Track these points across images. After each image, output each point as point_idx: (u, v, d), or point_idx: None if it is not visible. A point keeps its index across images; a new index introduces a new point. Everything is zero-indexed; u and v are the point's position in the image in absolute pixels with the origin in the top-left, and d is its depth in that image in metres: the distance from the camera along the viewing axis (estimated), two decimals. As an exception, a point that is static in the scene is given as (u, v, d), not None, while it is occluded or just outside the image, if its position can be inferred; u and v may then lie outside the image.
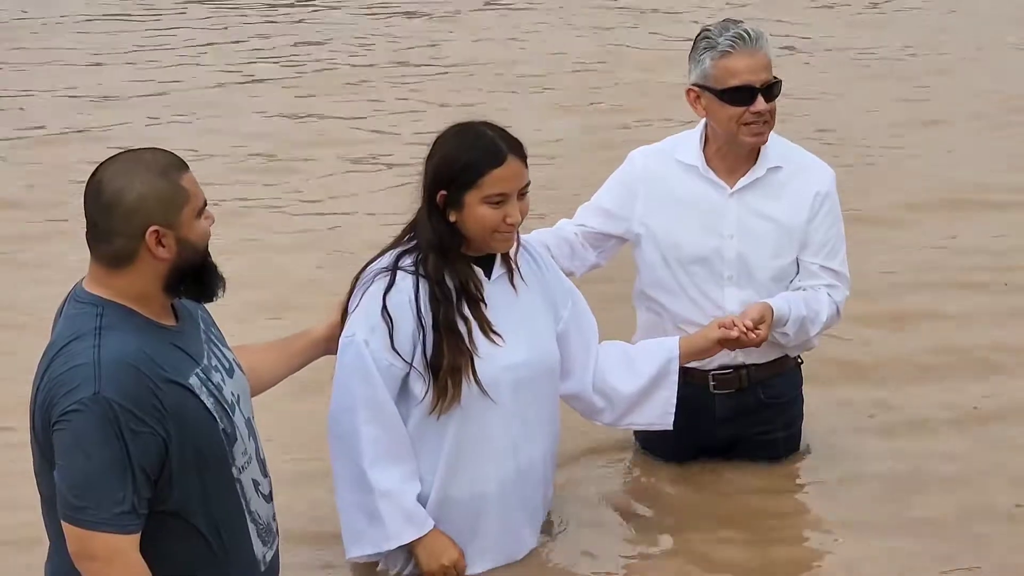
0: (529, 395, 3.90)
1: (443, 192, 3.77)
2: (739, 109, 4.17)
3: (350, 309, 3.85)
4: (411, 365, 3.78)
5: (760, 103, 4.16)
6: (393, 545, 3.86)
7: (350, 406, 3.79)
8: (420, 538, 3.87)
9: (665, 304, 4.37)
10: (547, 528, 4.19)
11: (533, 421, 3.94)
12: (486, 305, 3.83)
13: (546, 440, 4.01)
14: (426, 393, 3.80)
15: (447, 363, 3.76)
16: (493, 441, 3.87)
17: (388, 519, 3.82)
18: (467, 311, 3.80)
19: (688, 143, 4.32)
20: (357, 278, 3.89)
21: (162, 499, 3.19)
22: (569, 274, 4.37)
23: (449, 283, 3.79)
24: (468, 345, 3.78)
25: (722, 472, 4.57)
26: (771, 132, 4.28)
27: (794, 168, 4.33)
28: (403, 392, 3.83)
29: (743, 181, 4.31)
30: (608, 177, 4.49)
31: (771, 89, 4.17)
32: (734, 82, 4.15)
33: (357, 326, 3.79)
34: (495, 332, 3.81)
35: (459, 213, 3.77)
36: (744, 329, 4.06)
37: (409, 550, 3.91)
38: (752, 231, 4.30)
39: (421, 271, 3.80)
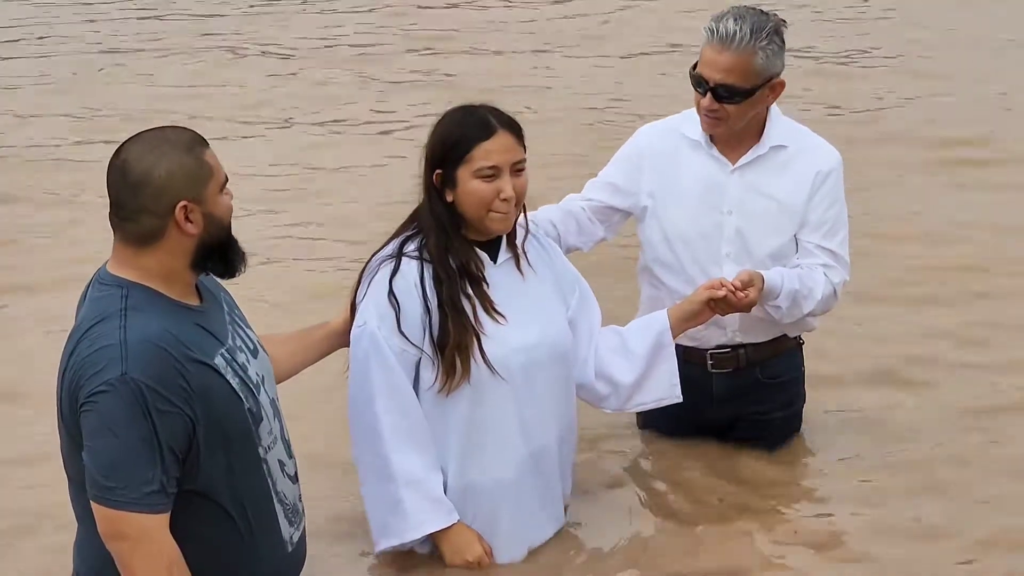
0: (541, 378, 3.89)
1: (438, 171, 3.78)
2: (696, 94, 4.21)
3: (358, 299, 3.85)
4: (421, 349, 3.79)
5: (705, 99, 4.17)
6: (417, 535, 3.84)
7: (369, 395, 3.79)
8: (444, 531, 3.86)
9: (664, 280, 4.38)
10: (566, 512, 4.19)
11: (546, 405, 3.92)
12: (488, 285, 3.83)
13: (560, 424, 3.99)
14: (435, 377, 3.80)
15: (453, 340, 3.75)
16: (505, 424, 3.86)
17: (411, 508, 3.81)
18: (470, 290, 3.80)
19: (695, 118, 4.32)
20: (363, 269, 3.90)
21: (189, 478, 3.20)
22: (576, 251, 4.40)
23: (452, 263, 3.80)
24: (474, 323, 3.78)
25: (732, 449, 4.60)
26: (775, 112, 4.30)
27: (799, 148, 4.33)
28: (415, 379, 3.83)
29: (745, 158, 4.31)
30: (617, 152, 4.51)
31: (718, 90, 4.14)
32: (698, 68, 4.18)
33: (367, 315, 3.80)
34: (497, 311, 3.81)
35: (454, 192, 3.77)
36: (732, 289, 4.05)
37: (433, 543, 3.91)
38: (752, 208, 4.30)
39: (425, 255, 3.81)
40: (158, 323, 3.16)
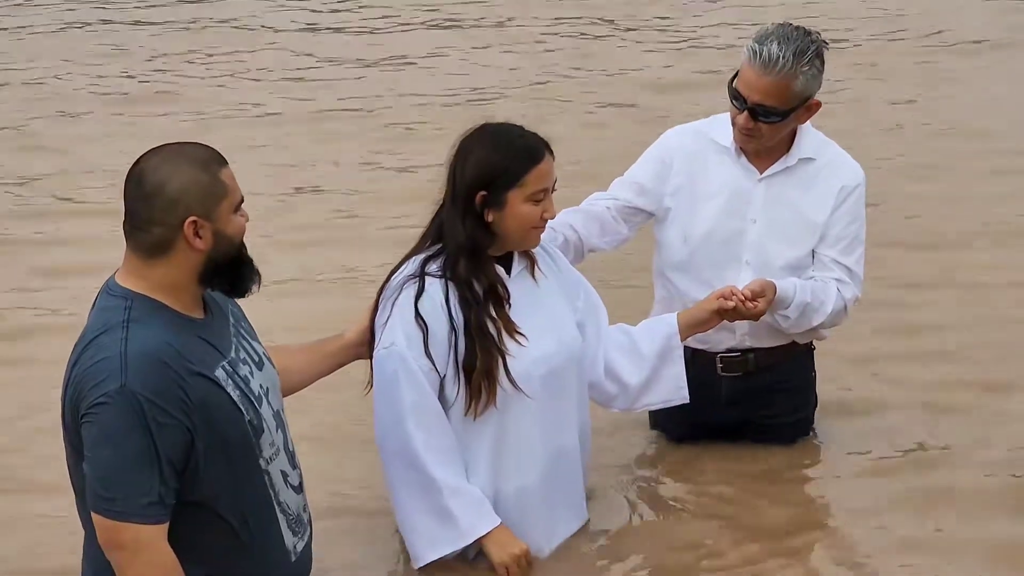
0: (558, 384, 3.95)
1: (483, 193, 3.80)
2: (733, 109, 4.21)
3: (379, 321, 3.88)
4: (447, 369, 3.83)
5: (741, 116, 4.18)
6: (469, 541, 3.89)
7: (399, 416, 3.83)
8: (489, 533, 3.91)
9: (677, 283, 4.40)
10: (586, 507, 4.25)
11: (564, 409, 3.99)
12: (510, 306, 3.88)
13: (578, 427, 4.06)
14: (457, 394, 3.84)
15: (480, 365, 3.81)
16: (529, 434, 3.92)
17: (460, 516, 3.86)
18: (494, 313, 3.85)
19: (725, 124, 4.32)
20: (381, 290, 3.93)
21: (189, 490, 3.23)
22: (599, 251, 4.45)
23: (477, 286, 3.84)
24: (500, 345, 3.83)
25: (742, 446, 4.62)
26: (806, 125, 4.30)
27: (825, 162, 4.34)
28: (440, 395, 3.88)
29: (773, 168, 4.32)
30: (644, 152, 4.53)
31: (755, 110, 4.15)
32: (736, 84, 4.19)
33: (395, 336, 3.82)
34: (519, 332, 3.86)
35: (499, 212, 3.82)
36: (742, 299, 4.07)
37: (478, 547, 3.94)
38: (775, 218, 4.31)
39: (449, 275, 3.84)
40: (160, 336, 3.19)
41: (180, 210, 3.19)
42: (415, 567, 3.96)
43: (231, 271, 3.31)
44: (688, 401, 4.18)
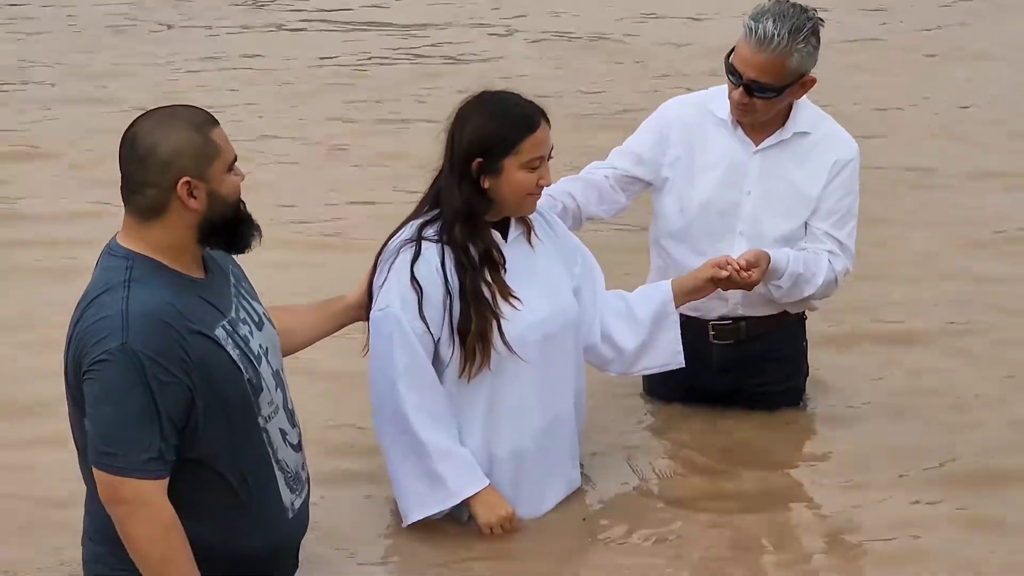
0: (555, 350, 4.00)
1: (479, 160, 3.86)
2: (730, 84, 4.27)
3: (376, 283, 3.95)
4: (440, 332, 3.90)
5: (736, 92, 4.23)
6: (456, 501, 3.97)
7: (391, 377, 3.89)
8: (477, 493, 3.98)
9: (673, 252, 4.45)
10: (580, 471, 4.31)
11: (559, 374, 4.04)
12: (506, 271, 3.93)
13: (573, 392, 4.12)
14: (451, 356, 3.91)
15: (475, 328, 3.88)
16: (524, 398, 3.98)
17: (449, 477, 3.93)
18: (489, 277, 3.91)
19: (724, 97, 4.37)
20: (379, 253, 3.99)
21: (189, 447, 3.29)
22: (597, 220, 4.51)
23: (473, 250, 3.90)
24: (494, 309, 3.89)
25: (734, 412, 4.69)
26: (802, 99, 4.35)
27: (820, 136, 4.39)
28: (435, 358, 3.94)
29: (769, 141, 4.37)
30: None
31: (750, 85, 4.20)
32: (732, 60, 4.23)
33: (390, 298, 3.89)
34: (514, 296, 3.92)
35: (495, 179, 3.88)
36: (736, 268, 4.13)
37: (466, 507, 4.01)
38: (770, 190, 4.36)
39: (445, 239, 3.90)
40: (160, 295, 3.25)
41: (173, 171, 3.24)
42: (403, 524, 4.03)
43: (228, 230, 3.36)
44: (684, 366, 4.24)
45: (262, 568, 3.55)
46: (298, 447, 3.61)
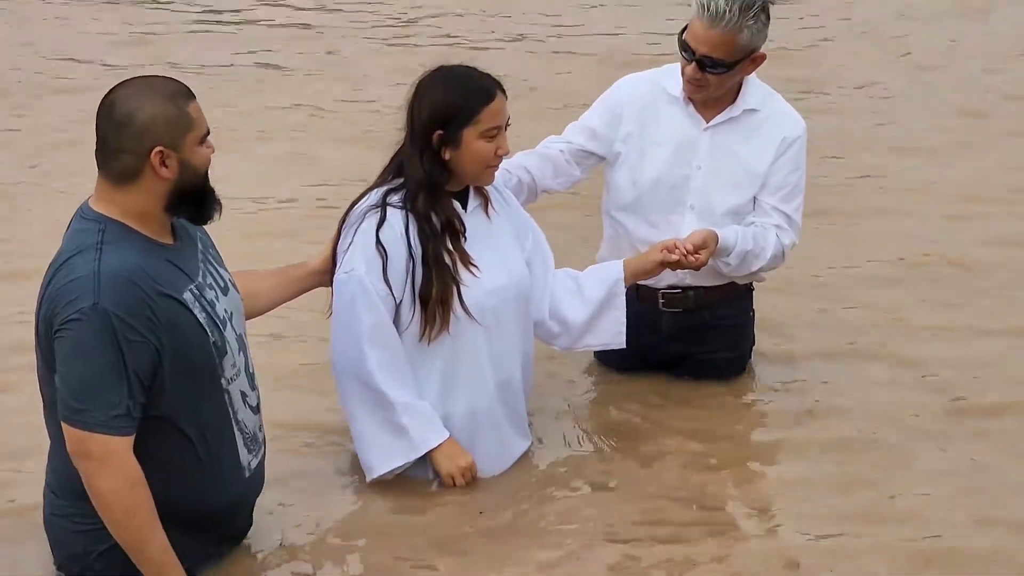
0: (508, 316, 4.17)
1: (440, 132, 4.00)
2: (683, 60, 4.42)
3: (341, 247, 4.08)
4: (403, 295, 4.03)
5: (689, 67, 4.38)
6: (421, 452, 4.11)
7: (356, 335, 4.02)
8: (439, 445, 4.13)
9: (624, 223, 4.60)
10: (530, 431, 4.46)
11: (511, 339, 4.21)
12: (466, 239, 4.08)
13: (523, 355, 4.29)
14: (411, 320, 4.05)
15: (436, 294, 4.02)
16: (479, 361, 4.14)
17: (413, 429, 4.07)
18: (450, 245, 4.05)
19: (677, 75, 4.51)
20: (343, 218, 4.11)
21: (154, 405, 3.42)
22: (552, 192, 4.66)
23: (435, 219, 4.03)
24: (455, 275, 4.04)
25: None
26: (751, 77, 4.50)
27: (769, 112, 4.54)
28: (393, 320, 4.08)
29: (719, 118, 4.52)
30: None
31: (702, 61, 4.34)
32: (685, 36, 4.37)
33: (355, 261, 4.02)
34: (473, 264, 4.07)
35: (455, 150, 4.01)
36: (684, 252, 4.30)
37: (427, 459, 4.16)
38: (719, 166, 4.51)
39: (409, 207, 4.03)
40: (131, 258, 3.36)
41: (148, 140, 3.36)
42: (367, 479, 4.16)
43: (195, 200, 3.49)
44: (625, 347, 4.40)
45: (219, 524, 3.70)
46: (256, 409, 3.75)
